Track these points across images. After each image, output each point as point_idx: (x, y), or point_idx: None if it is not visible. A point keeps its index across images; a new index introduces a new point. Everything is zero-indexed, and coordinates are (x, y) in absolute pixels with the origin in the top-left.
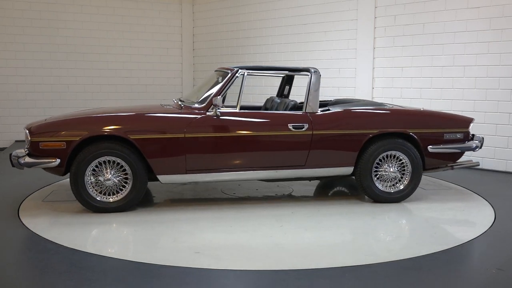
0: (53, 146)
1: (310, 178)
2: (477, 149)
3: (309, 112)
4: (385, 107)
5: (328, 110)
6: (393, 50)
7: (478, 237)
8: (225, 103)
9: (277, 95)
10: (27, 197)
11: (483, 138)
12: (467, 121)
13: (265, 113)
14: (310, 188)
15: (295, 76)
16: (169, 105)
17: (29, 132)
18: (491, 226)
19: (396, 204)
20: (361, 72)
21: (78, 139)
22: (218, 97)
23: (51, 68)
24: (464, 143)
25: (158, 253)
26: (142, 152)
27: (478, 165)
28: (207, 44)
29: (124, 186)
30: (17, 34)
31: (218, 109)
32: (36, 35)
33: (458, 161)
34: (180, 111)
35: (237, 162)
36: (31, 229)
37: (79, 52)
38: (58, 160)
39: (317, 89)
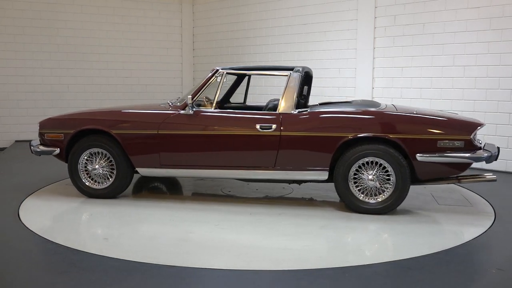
0: (54, 137)
1: (288, 181)
2: (489, 161)
3: (282, 113)
4: (372, 109)
5: (306, 110)
6: (393, 50)
7: (478, 237)
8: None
9: (297, 96)
10: (27, 197)
11: (498, 148)
12: (469, 126)
13: (237, 112)
14: (320, 192)
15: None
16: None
17: (38, 125)
18: (491, 226)
19: None
20: (361, 72)
21: (72, 131)
22: (189, 96)
23: (51, 68)
24: (468, 152)
25: (73, 236)
26: (122, 145)
27: (495, 180)
28: (207, 44)
29: (111, 176)
30: (17, 34)
31: (192, 108)
32: (36, 35)
33: (469, 174)
34: (159, 109)
35: (207, 160)
36: (31, 229)
37: (79, 52)
38: (58, 149)
39: (293, 89)
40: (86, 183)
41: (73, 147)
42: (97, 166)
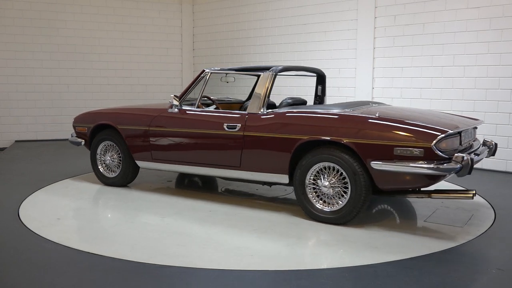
0: (81, 130)
1: (260, 182)
2: (461, 174)
3: (249, 112)
4: (336, 110)
5: (272, 111)
6: (393, 50)
7: (478, 237)
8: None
9: (314, 97)
10: (27, 197)
11: (471, 159)
12: (430, 134)
13: (213, 111)
14: None
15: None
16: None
17: (73, 120)
18: (491, 226)
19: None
20: (361, 72)
21: (91, 126)
22: (172, 95)
23: (51, 68)
24: (431, 162)
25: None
26: (125, 139)
27: (472, 198)
28: (207, 44)
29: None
30: (17, 34)
31: (177, 107)
32: (36, 35)
33: (447, 189)
34: (155, 108)
35: (184, 156)
36: (31, 229)
37: (79, 52)
38: (83, 141)
39: (261, 89)
40: (101, 171)
41: (93, 139)
42: (108, 157)
